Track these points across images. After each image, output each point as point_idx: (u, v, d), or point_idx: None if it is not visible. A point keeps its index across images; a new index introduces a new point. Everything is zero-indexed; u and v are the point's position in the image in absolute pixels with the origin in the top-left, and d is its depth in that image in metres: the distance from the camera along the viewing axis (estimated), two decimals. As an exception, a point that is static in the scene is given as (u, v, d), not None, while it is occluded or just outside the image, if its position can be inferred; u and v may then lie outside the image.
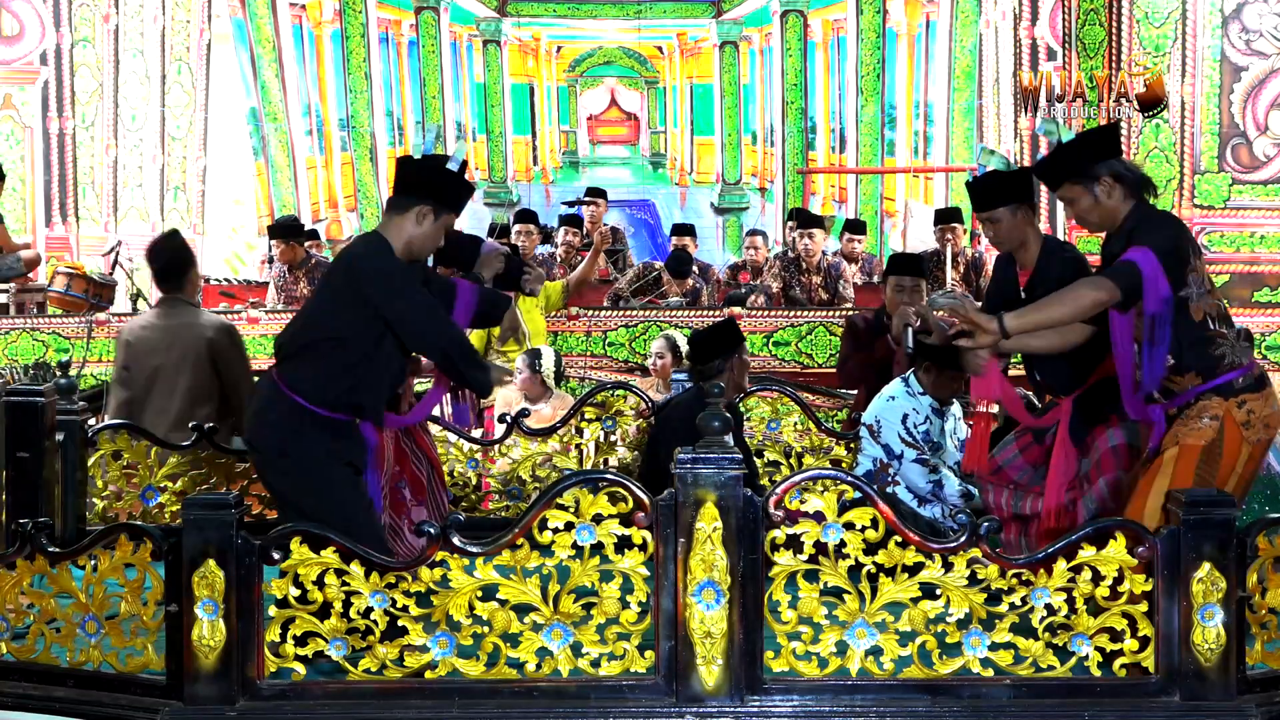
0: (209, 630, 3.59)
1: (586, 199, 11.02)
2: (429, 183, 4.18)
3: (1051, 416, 4.73)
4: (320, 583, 3.64)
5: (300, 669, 3.68)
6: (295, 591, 3.64)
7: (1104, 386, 4.51)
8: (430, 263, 4.89)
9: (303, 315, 4.32)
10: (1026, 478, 4.82)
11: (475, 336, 7.81)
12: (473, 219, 14.83)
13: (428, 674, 3.67)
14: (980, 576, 3.65)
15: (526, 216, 9.93)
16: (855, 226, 10.70)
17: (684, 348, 7.37)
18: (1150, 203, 4.25)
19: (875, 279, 9.87)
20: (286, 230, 9.94)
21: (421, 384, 5.84)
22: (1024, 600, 3.64)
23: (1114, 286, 4.05)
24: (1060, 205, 9.63)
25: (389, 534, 4.64)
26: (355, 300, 4.06)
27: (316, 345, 4.10)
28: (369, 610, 3.64)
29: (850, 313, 8.25)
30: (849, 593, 3.65)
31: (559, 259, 9.93)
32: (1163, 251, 4.04)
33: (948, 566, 3.62)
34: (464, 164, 4.27)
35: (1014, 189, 4.62)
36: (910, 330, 5.74)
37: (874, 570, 3.64)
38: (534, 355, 7.53)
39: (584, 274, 8.51)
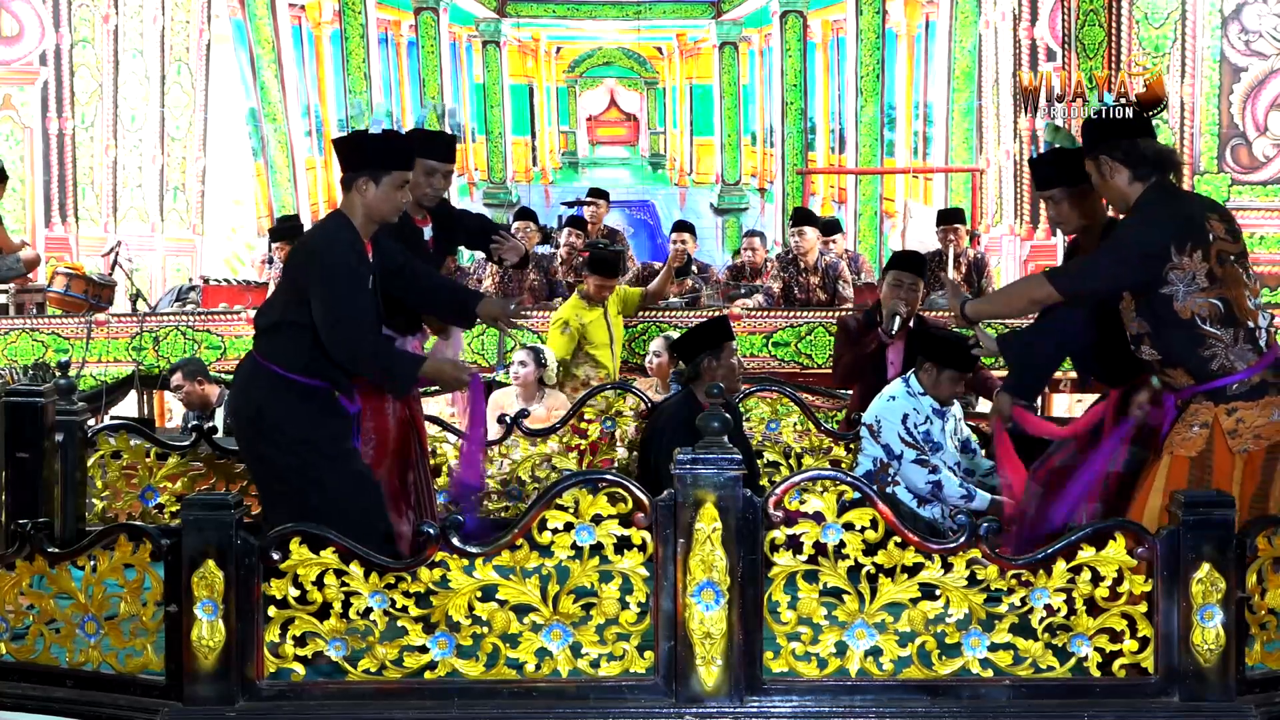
0: (208, 630, 3.59)
1: (588, 199, 11.02)
2: (357, 154, 4.25)
3: (1093, 415, 4.59)
4: (320, 583, 3.64)
5: (300, 669, 3.68)
6: (295, 592, 3.64)
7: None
8: (429, 236, 4.92)
9: (276, 295, 4.43)
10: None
11: (565, 339, 7.80)
12: (472, 219, 14.83)
13: (427, 674, 3.67)
14: (980, 577, 3.65)
15: (525, 215, 9.94)
16: (829, 227, 10.63)
17: None
18: (1169, 186, 4.08)
19: (864, 277, 9.85)
20: (287, 232, 9.94)
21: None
22: (1023, 601, 3.64)
23: (1052, 290, 4.10)
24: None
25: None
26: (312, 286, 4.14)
27: (290, 324, 4.16)
28: (368, 610, 3.64)
29: (840, 313, 8.26)
30: (848, 593, 3.65)
31: (560, 259, 9.92)
32: (1121, 251, 3.98)
33: (947, 567, 3.62)
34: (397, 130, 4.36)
35: (1074, 169, 4.40)
36: (897, 318, 5.77)
37: (873, 571, 3.64)
38: (538, 353, 7.51)
39: (660, 286, 8.59)
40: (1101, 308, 4.28)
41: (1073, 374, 7.19)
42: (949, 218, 9.78)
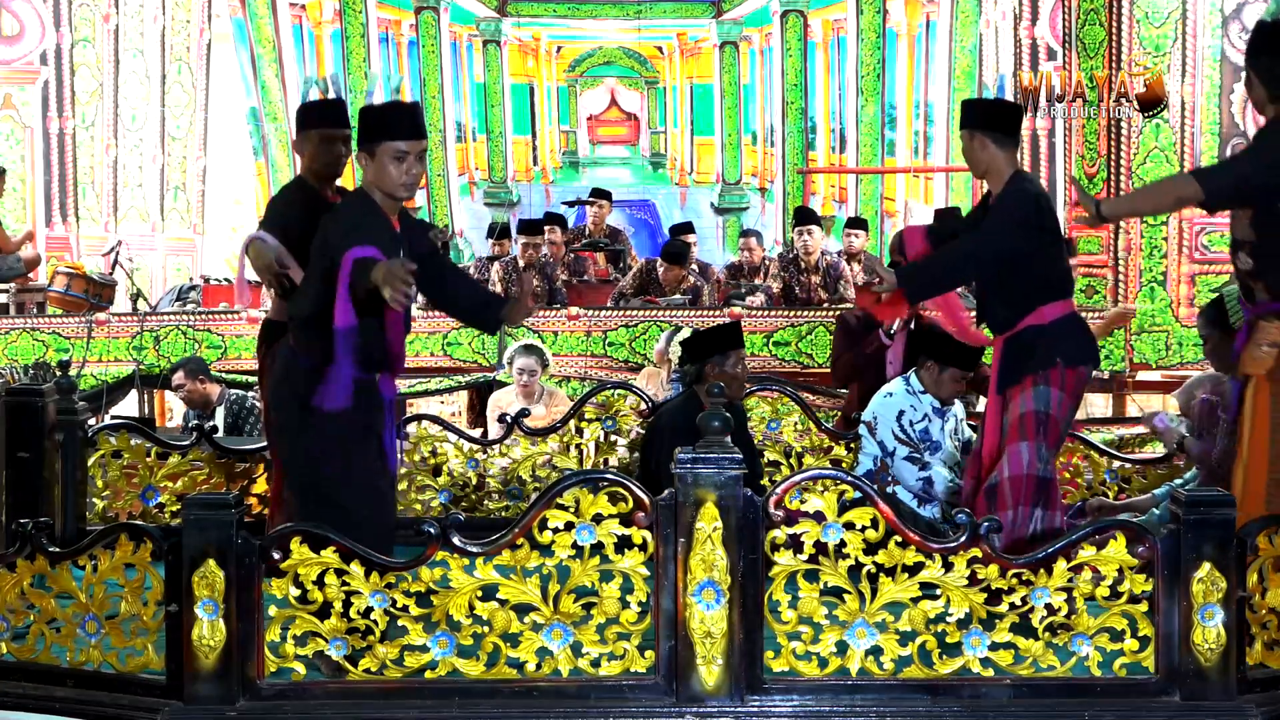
0: (209, 630, 3.59)
1: (590, 199, 11.04)
2: (359, 132, 4.10)
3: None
4: (320, 582, 3.64)
5: (300, 669, 3.68)
6: (295, 591, 3.64)
7: (1030, 334, 4.48)
8: None
9: (306, 285, 4.22)
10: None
11: None
12: (472, 219, 14.87)
13: (428, 674, 3.66)
14: (980, 576, 3.65)
15: (530, 228, 9.85)
16: (856, 223, 10.70)
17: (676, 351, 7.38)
18: None
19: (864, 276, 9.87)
20: None
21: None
22: (1024, 600, 3.64)
23: (1199, 188, 4.16)
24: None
25: None
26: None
27: (323, 316, 3.96)
28: (369, 610, 3.64)
29: (839, 311, 8.25)
30: (849, 593, 3.65)
31: (547, 257, 9.92)
32: (1261, 157, 4.09)
33: (948, 566, 3.62)
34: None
35: (977, 115, 4.64)
36: (899, 319, 5.79)
37: (874, 570, 3.64)
38: (540, 354, 7.48)
39: None
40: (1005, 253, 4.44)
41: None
42: (946, 216, 9.77)
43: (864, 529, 3.62)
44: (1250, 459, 4.12)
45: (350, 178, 4.43)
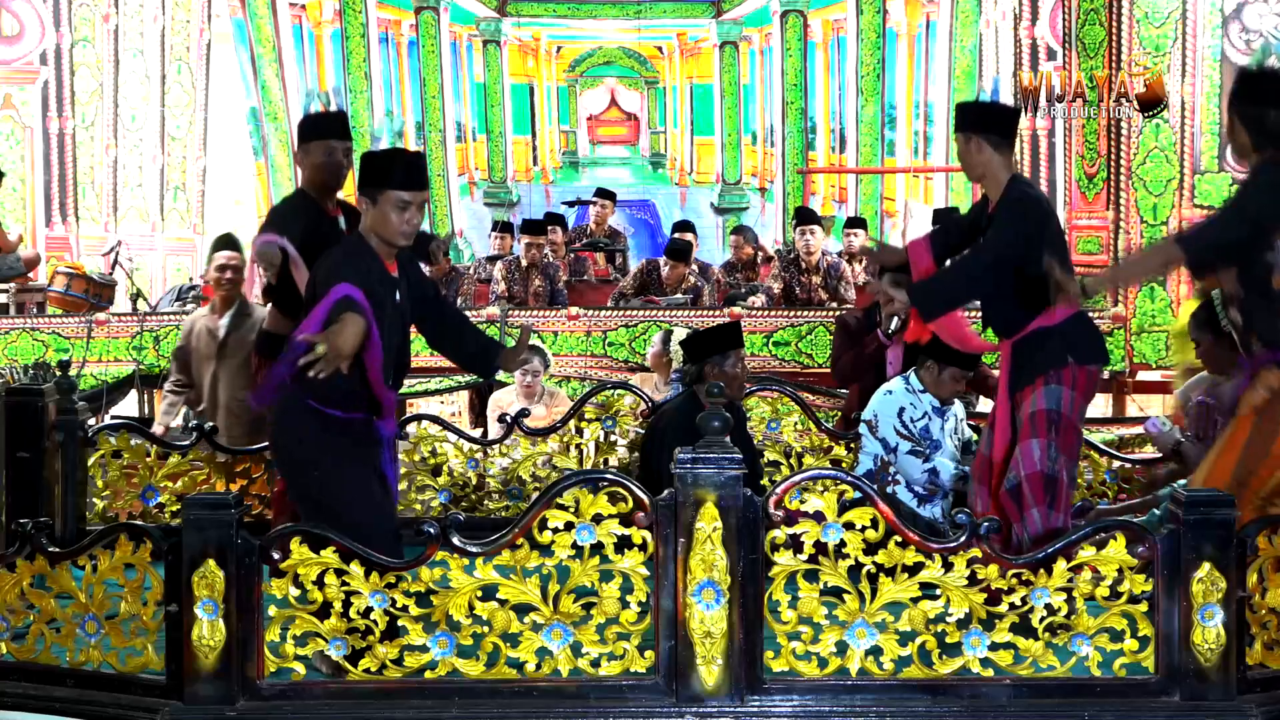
0: (209, 630, 3.59)
1: (592, 199, 11.04)
2: (360, 173, 4.11)
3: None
4: (320, 583, 3.64)
5: (300, 669, 3.68)
6: (295, 591, 3.64)
7: (1039, 337, 4.48)
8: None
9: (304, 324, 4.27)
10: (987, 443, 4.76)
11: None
12: (472, 218, 14.87)
13: (428, 674, 3.67)
14: (980, 576, 3.65)
15: (533, 228, 9.86)
16: (856, 223, 10.72)
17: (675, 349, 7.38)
18: None
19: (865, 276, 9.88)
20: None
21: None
22: (1024, 600, 3.64)
23: (1182, 254, 4.14)
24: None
25: None
26: None
27: None
28: (369, 610, 3.64)
29: (839, 312, 8.27)
30: (849, 593, 3.65)
31: (549, 257, 9.93)
32: (1239, 214, 4.04)
33: (948, 566, 3.62)
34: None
35: (974, 118, 4.61)
36: (896, 319, 5.80)
37: (874, 570, 3.64)
38: (543, 355, 7.49)
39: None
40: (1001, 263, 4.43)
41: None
42: (945, 217, 9.76)
43: (864, 529, 3.63)
44: (1213, 466, 4.11)
45: (350, 187, 4.43)
